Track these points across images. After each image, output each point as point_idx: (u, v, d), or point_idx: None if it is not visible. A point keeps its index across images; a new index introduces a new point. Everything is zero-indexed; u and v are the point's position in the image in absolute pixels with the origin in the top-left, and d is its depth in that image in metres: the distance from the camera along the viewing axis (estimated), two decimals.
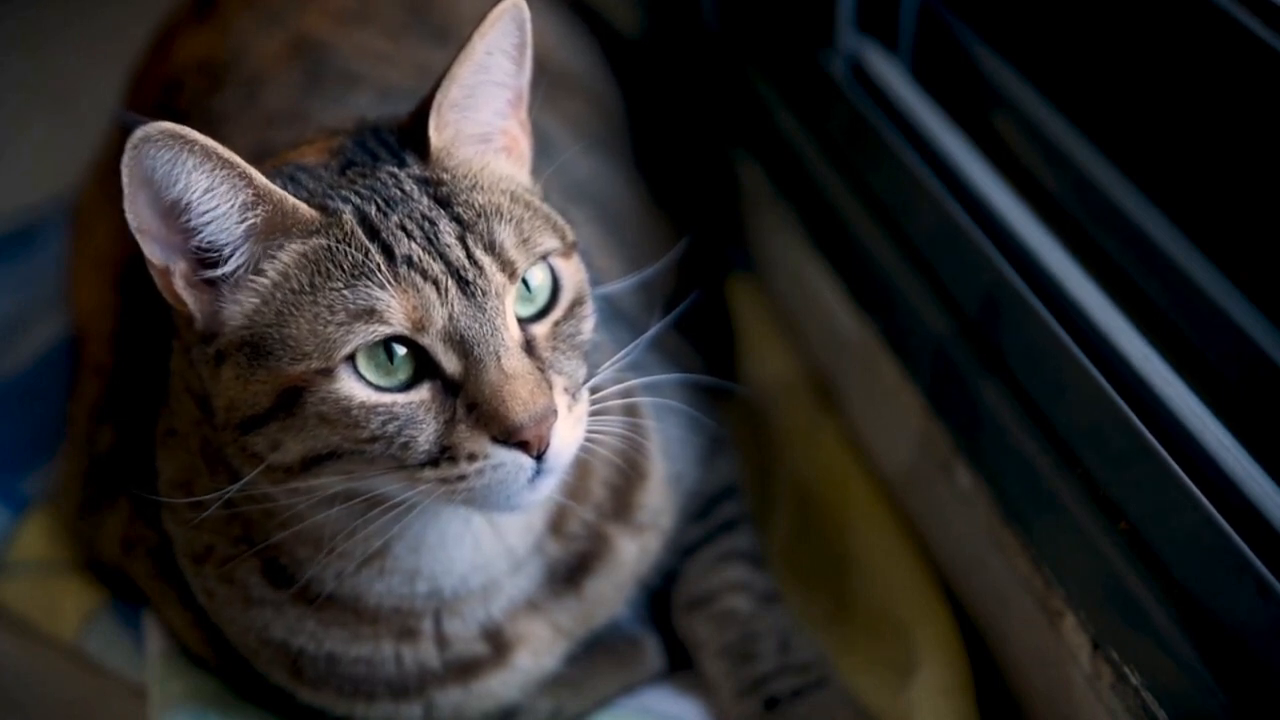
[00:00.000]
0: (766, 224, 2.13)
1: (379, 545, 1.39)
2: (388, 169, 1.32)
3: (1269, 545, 1.29)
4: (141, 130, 1.21)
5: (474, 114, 1.36)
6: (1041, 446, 1.51)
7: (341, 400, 1.26)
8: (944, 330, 1.67)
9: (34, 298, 2.19)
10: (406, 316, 1.25)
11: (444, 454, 1.27)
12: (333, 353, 1.25)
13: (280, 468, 1.30)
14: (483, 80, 1.35)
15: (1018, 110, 1.73)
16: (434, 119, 1.33)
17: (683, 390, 1.69)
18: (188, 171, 1.23)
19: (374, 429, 1.26)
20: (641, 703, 1.65)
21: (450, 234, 1.28)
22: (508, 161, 1.39)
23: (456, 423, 1.27)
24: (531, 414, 1.25)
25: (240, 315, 1.29)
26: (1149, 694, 1.37)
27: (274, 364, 1.26)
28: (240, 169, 1.25)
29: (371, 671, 1.50)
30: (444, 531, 1.42)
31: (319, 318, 1.25)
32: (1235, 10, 1.42)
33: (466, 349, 1.26)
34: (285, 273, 1.28)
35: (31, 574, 1.82)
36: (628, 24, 2.40)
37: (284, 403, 1.27)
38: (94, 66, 2.33)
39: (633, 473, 1.56)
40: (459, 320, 1.26)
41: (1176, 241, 1.51)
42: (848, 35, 1.93)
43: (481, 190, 1.33)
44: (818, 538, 1.83)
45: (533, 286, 1.32)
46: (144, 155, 1.22)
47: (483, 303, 1.27)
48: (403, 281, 1.25)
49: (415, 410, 1.27)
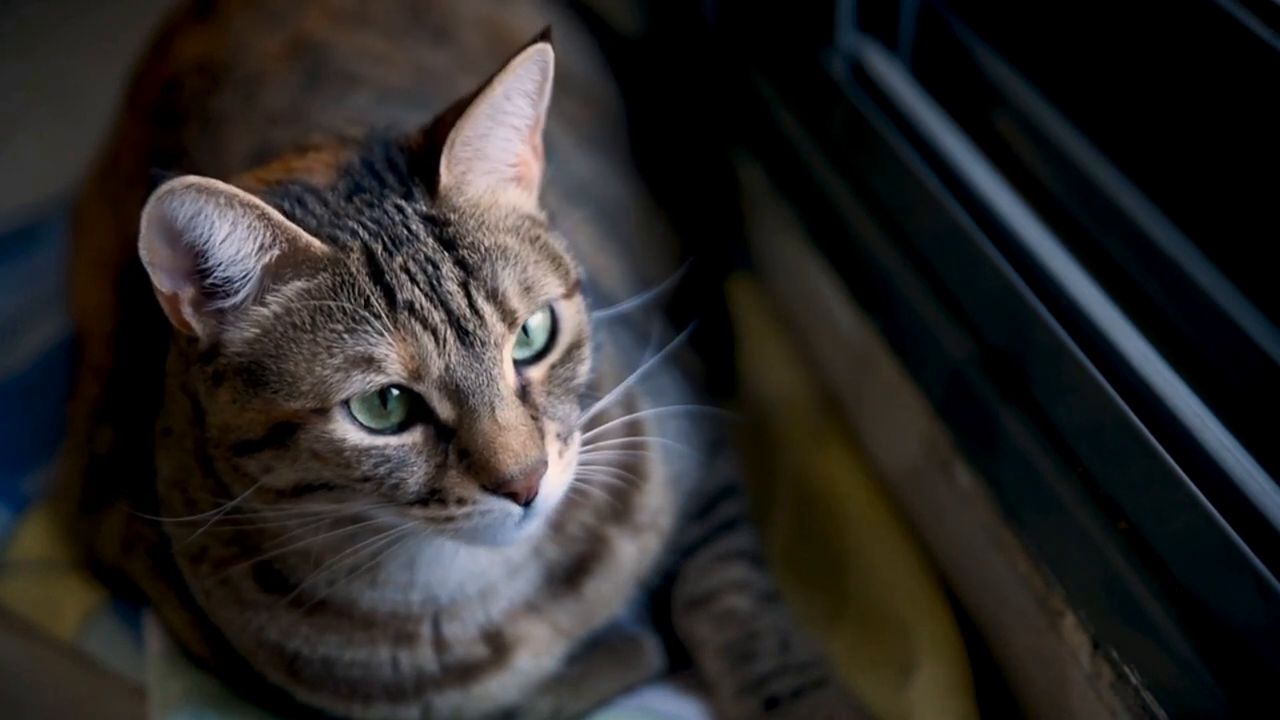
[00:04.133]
0: (766, 224, 2.13)
1: (373, 563, 1.39)
2: (394, 201, 1.31)
3: (1269, 545, 1.29)
4: (165, 184, 1.20)
5: (487, 149, 1.34)
6: (1041, 446, 1.51)
7: (335, 441, 1.26)
8: (944, 330, 1.67)
9: (34, 298, 2.19)
10: (404, 366, 1.25)
11: (433, 496, 1.28)
12: (328, 396, 1.25)
13: (272, 490, 1.31)
14: (499, 122, 1.33)
15: (1018, 110, 1.73)
16: (446, 155, 1.31)
17: (683, 390, 1.69)
18: (209, 220, 1.23)
19: (365, 470, 1.27)
20: (642, 702, 1.65)
21: (453, 280, 1.27)
22: (517, 191, 1.38)
23: (448, 468, 1.27)
24: (523, 467, 1.26)
25: (241, 342, 1.29)
26: (1149, 693, 1.37)
27: (270, 396, 1.26)
28: (259, 210, 1.24)
29: (368, 675, 1.50)
30: (439, 548, 1.43)
31: (317, 358, 1.25)
32: (1235, 10, 1.42)
33: (462, 398, 1.26)
34: (288, 307, 1.27)
35: (31, 573, 1.82)
36: (627, 24, 2.40)
37: (277, 435, 1.27)
38: (94, 66, 2.33)
39: (633, 476, 1.56)
40: (455, 371, 1.26)
41: (1177, 241, 1.50)
42: (848, 35, 1.93)
43: (488, 230, 1.32)
44: (818, 538, 1.83)
45: (530, 329, 1.32)
46: (166, 206, 1.21)
47: (480, 353, 1.26)
48: (402, 329, 1.25)
49: (407, 453, 1.27)
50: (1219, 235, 1.48)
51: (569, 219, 1.72)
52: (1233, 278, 1.45)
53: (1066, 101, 1.68)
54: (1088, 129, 1.65)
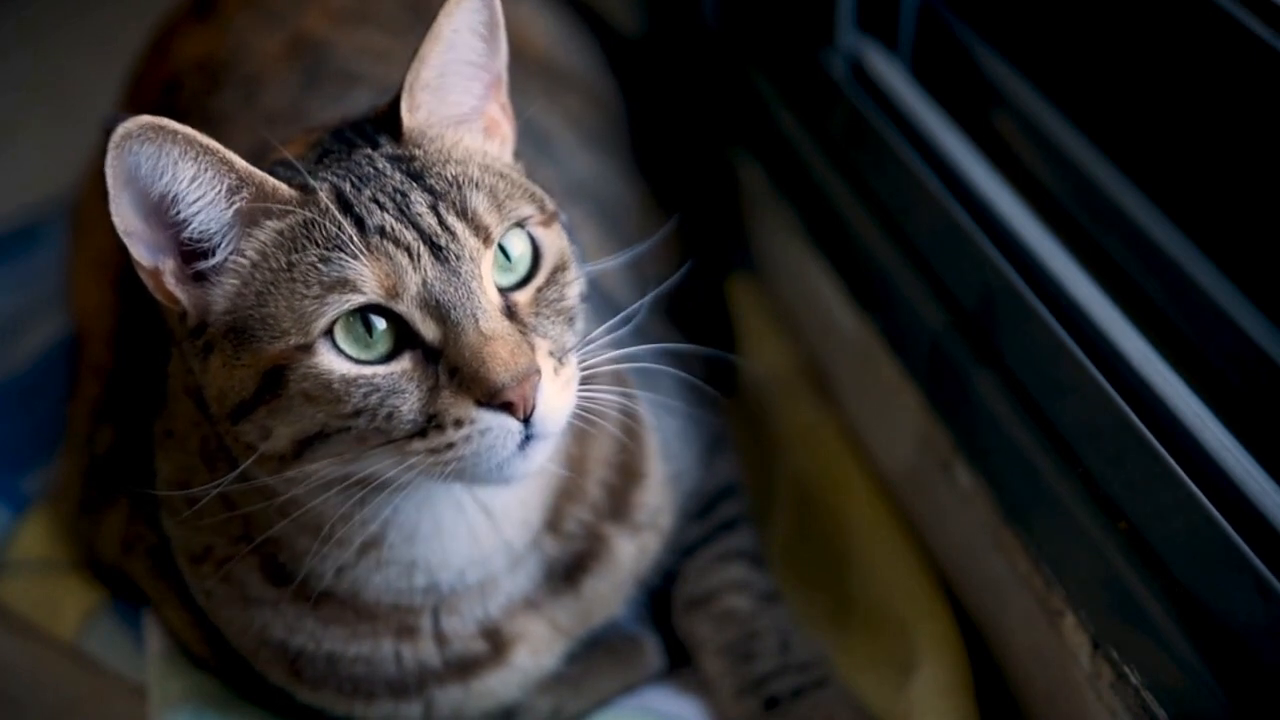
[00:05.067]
0: (766, 224, 2.13)
1: (375, 531, 1.38)
2: (363, 152, 1.33)
3: (1269, 545, 1.29)
4: (122, 126, 1.21)
5: (447, 94, 1.36)
6: (1041, 446, 1.51)
7: (323, 375, 1.26)
8: (944, 330, 1.67)
9: (34, 298, 2.19)
10: (379, 284, 1.25)
11: (430, 422, 1.27)
12: (310, 326, 1.25)
13: (274, 456, 1.31)
14: (452, 59, 1.35)
15: (1018, 110, 1.73)
16: (405, 100, 1.34)
17: (683, 389, 1.69)
18: (173, 162, 1.24)
19: (356, 402, 1.26)
20: (641, 702, 1.65)
21: (422, 203, 1.29)
22: (487, 140, 1.40)
23: (440, 389, 1.27)
24: (513, 373, 1.25)
25: (224, 300, 1.30)
26: (1149, 693, 1.37)
27: (256, 345, 1.27)
28: (222, 154, 1.26)
29: (371, 670, 1.50)
30: (439, 519, 1.42)
31: (295, 293, 1.26)
32: (1235, 10, 1.42)
33: (444, 314, 1.26)
34: (264, 252, 1.29)
35: (31, 573, 1.82)
36: (628, 23, 2.40)
37: (269, 384, 1.27)
38: (94, 66, 2.33)
39: (630, 473, 1.57)
40: (433, 285, 1.26)
41: (1176, 241, 1.50)
42: (848, 35, 1.93)
43: (455, 163, 1.34)
44: (818, 537, 1.83)
45: (513, 256, 1.33)
46: (126, 152, 1.22)
47: (457, 267, 1.27)
48: (375, 250, 1.26)
49: (397, 380, 1.27)
50: (1219, 235, 1.48)
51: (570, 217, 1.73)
52: (1233, 278, 1.45)
53: (1066, 101, 1.68)
54: (1088, 129, 1.65)
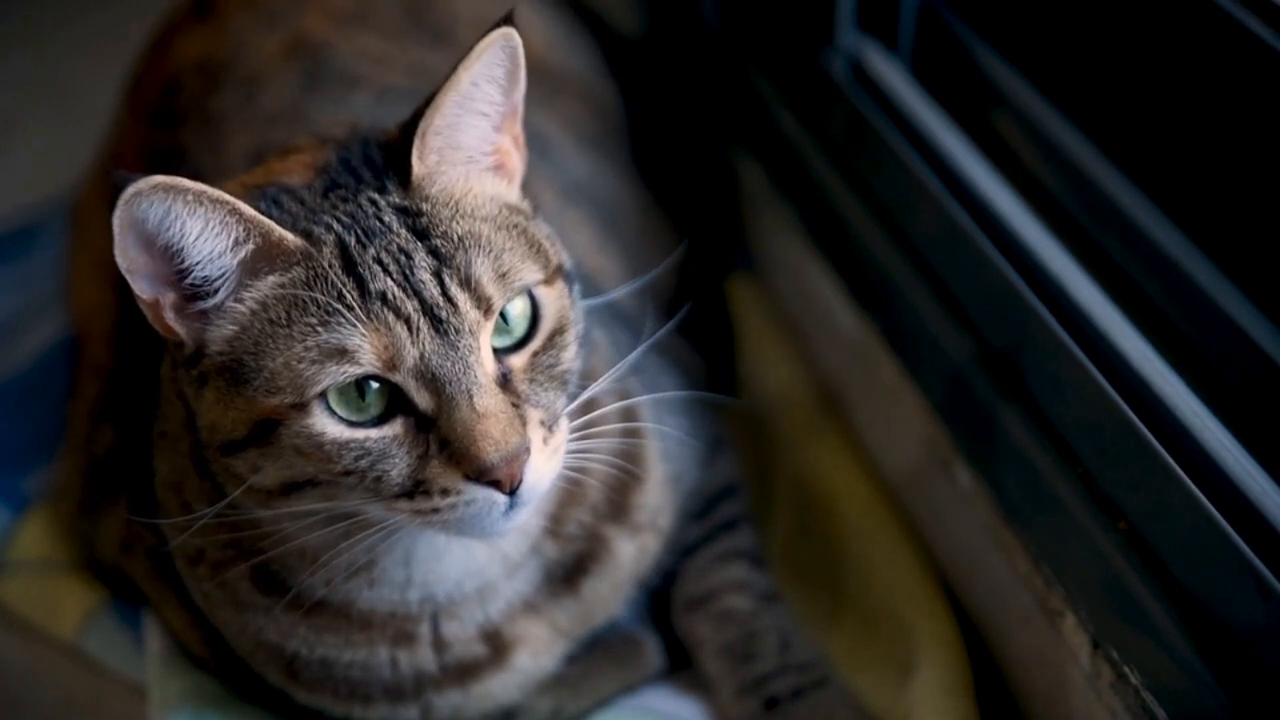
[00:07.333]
0: (766, 224, 2.13)
1: (368, 559, 1.39)
2: (369, 194, 1.31)
3: (1269, 545, 1.28)
4: (132, 186, 1.20)
5: (459, 138, 1.34)
6: (1041, 446, 1.51)
7: (314, 436, 1.26)
8: (944, 330, 1.67)
9: (34, 298, 2.19)
10: (378, 356, 1.25)
11: (418, 488, 1.28)
12: (305, 390, 1.25)
13: (261, 490, 1.31)
14: (468, 110, 1.33)
15: (1018, 110, 1.73)
16: (417, 146, 1.32)
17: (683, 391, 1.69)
18: (180, 220, 1.23)
19: (347, 464, 1.27)
20: (642, 702, 1.65)
21: (426, 269, 1.27)
22: (495, 180, 1.38)
23: (430, 458, 1.27)
24: (503, 454, 1.25)
25: (222, 340, 1.29)
26: (1149, 693, 1.37)
27: (250, 394, 1.27)
28: (229, 205, 1.24)
29: (367, 676, 1.50)
30: (434, 543, 1.42)
31: (292, 352, 1.25)
32: (1235, 10, 1.42)
33: (439, 387, 1.26)
34: (264, 302, 1.28)
35: (31, 573, 1.82)
36: (627, 24, 2.40)
37: (260, 433, 1.28)
38: (94, 66, 2.33)
39: (631, 475, 1.56)
40: (430, 359, 1.25)
41: (1177, 241, 1.50)
42: (848, 35, 1.93)
43: (462, 218, 1.32)
44: (818, 538, 1.83)
45: (511, 317, 1.32)
46: (135, 208, 1.22)
47: (455, 341, 1.26)
48: (375, 319, 1.25)
49: (388, 445, 1.27)
50: (1219, 235, 1.48)
51: (569, 219, 1.72)
52: (1233, 278, 1.45)
53: (1066, 101, 1.68)
54: (1088, 129, 1.65)
